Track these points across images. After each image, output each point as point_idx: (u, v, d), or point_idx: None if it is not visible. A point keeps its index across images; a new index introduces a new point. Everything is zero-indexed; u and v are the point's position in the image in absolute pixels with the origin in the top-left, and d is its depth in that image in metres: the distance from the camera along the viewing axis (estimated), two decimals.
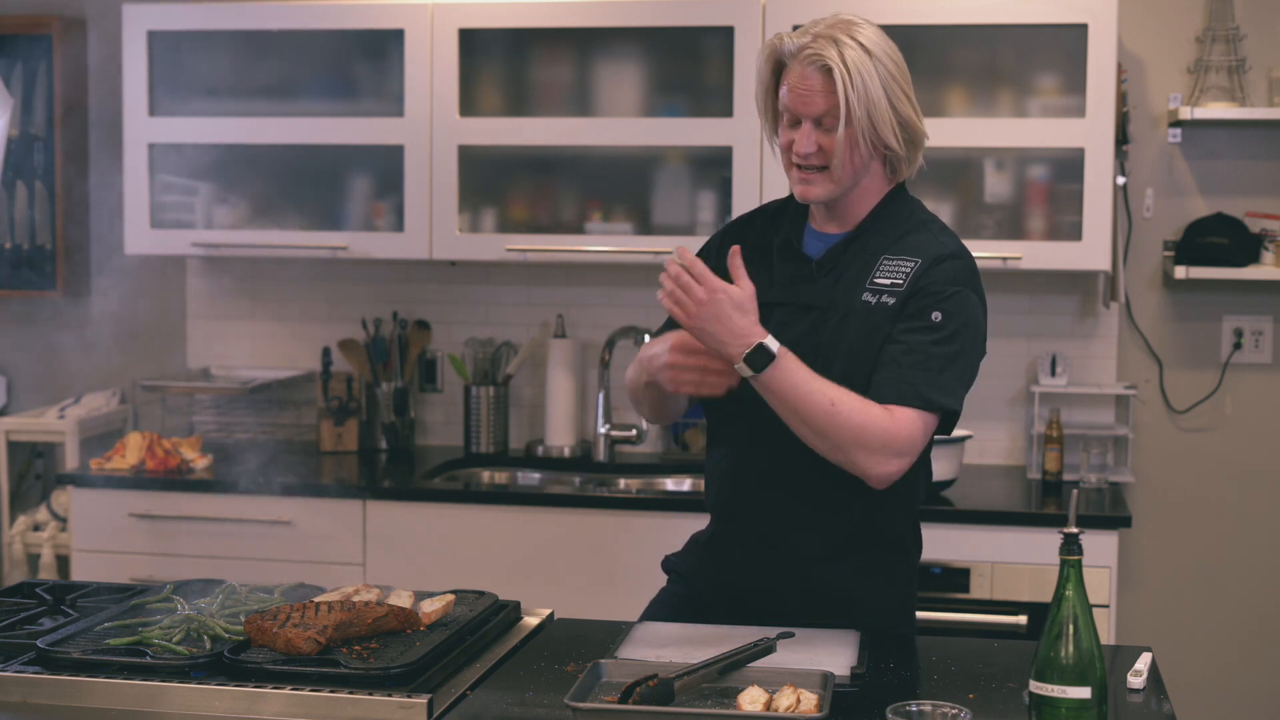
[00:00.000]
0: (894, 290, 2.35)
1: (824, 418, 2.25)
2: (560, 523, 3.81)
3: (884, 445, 2.27)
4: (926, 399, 2.29)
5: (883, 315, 2.34)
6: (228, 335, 4.54)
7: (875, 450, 2.27)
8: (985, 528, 3.66)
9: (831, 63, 2.30)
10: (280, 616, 2.17)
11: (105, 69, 4.51)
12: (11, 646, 2.23)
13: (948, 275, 2.35)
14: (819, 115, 2.33)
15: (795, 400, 2.26)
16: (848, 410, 2.26)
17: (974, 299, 2.37)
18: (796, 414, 2.27)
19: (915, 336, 2.32)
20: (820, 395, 2.26)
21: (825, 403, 2.26)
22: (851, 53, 2.30)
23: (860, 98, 2.30)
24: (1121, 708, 2.09)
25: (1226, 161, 4.13)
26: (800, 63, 2.34)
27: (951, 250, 2.39)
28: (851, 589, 2.43)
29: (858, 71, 2.30)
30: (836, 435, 2.26)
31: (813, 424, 2.26)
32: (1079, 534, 1.91)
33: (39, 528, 4.38)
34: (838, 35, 2.32)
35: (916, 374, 2.29)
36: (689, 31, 4.00)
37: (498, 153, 4.11)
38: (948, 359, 2.32)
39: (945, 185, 3.92)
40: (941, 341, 2.32)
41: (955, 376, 2.32)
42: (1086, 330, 4.18)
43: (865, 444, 2.26)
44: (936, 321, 2.32)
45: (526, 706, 2.08)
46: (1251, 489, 4.18)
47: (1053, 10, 3.78)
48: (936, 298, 2.33)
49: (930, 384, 2.30)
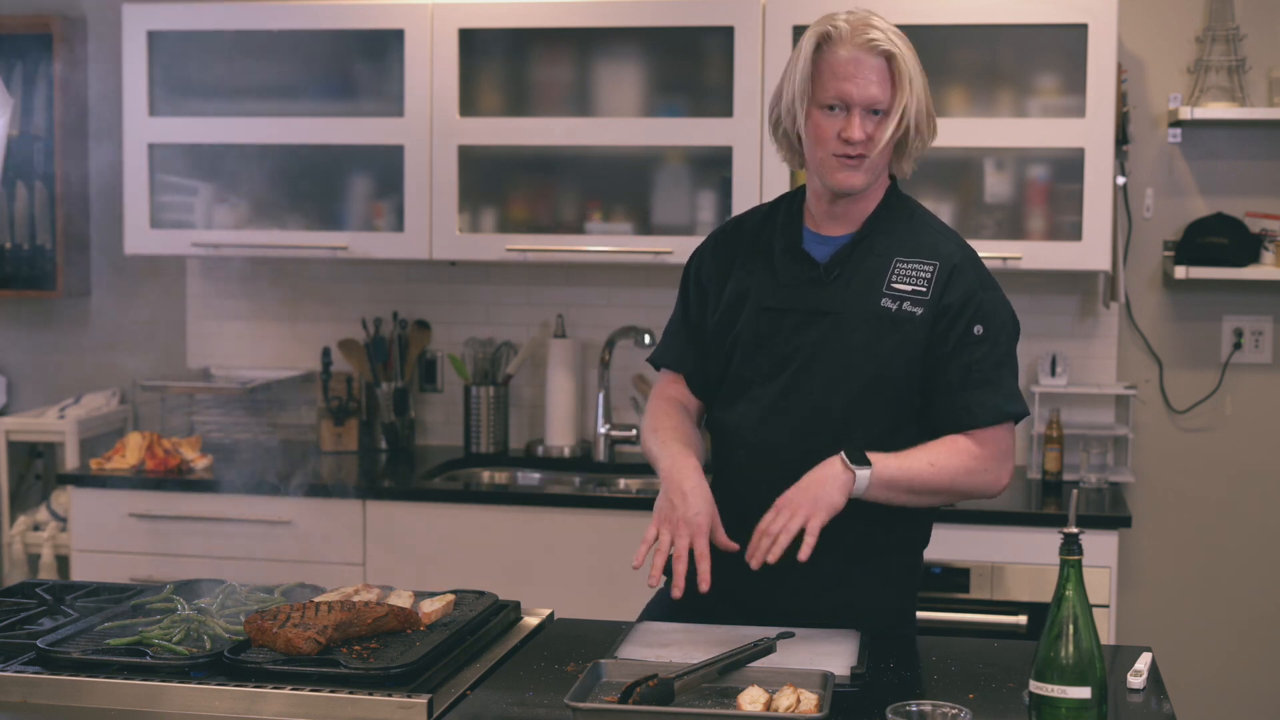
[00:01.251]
0: (917, 298, 2.37)
1: (934, 480, 2.36)
2: (560, 523, 3.81)
3: (987, 469, 2.39)
4: (1003, 413, 2.40)
5: (913, 326, 2.37)
6: (228, 335, 4.54)
7: (982, 475, 2.39)
8: (985, 528, 3.66)
9: (895, 51, 2.33)
10: (280, 616, 2.17)
11: (105, 69, 4.51)
12: (11, 646, 2.23)
13: (968, 283, 2.40)
14: (873, 103, 2.34)
15: (907, 481, 2.35)
16: (944, 460, 2.36)
17: (996, 294, 2.43)
18: (912, 492, 2.36)
19: (968, 356, 2.38)
20: (919, 464, 2.35)
21: (926, 467, 2.35)
22: (902, 43, 2.35)
23: (914, 90, 2.35)
24: (1121, 708, 2.09)
25: (1226, 161, 4.13)
26: (858, 48, 2.34)
27: (960, 254, 2.42)
28: (860, 594, 2.43)
29: (915, 63, 2.36)
30: (950, 487, 2.38)
31: (929, 490, 2.37)
32: (1079, 534, 1.91)
33: (39, 528, 4.38)
34: (879, 25, 2.35)
35: (987, 392, 2.38)
36: (689, 31, 4.00)
37: (498, 153, 4.11)
38: (1001, 365, 2.41)
39: (945, 185, 3.92)
40: (991, 353, 2.39)
41: (1012, 375, 2.43)
42: (1086, 330, 4.18)
43: (974, 475, 2.39)
44: (979, 335, 2.39)
45: (526, 706, 2.08)
46: (1251, 489, 4.17)
47: (1053, 10, 3.78)
48: (968, 313, 2.38)
49: (1002, 396, 2.39)
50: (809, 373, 2.38)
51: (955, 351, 2.38)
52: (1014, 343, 2.45)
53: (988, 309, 2.40)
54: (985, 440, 2.38)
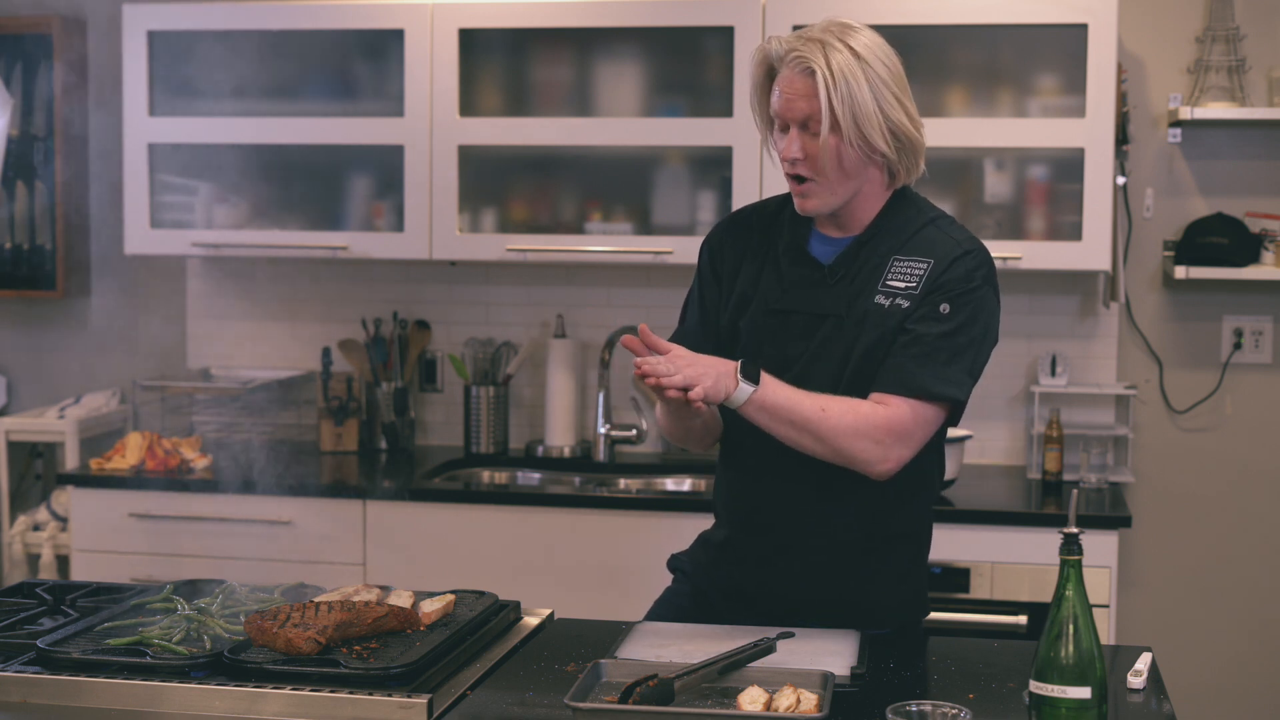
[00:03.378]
0: (908, 293, 2.34)
1: (817, 423, 2.27)
2: (560, 523, 3.81)
3: (879, 438, 2.28)
4: (924, 389, 2.29)
5: (896, 318, 2.33)
6: (228, 335, 4.54)
7: (872, 442, 2.28)
8: (985, 527, 3.66)
9: (815, 66, 2.28)
10: (280, 616, 2.17)
11: (105, 69, 4.51)
12: (11, 646, 2.23)
13: (960, 272, 2.34)
14: (803, 119, 2.32)
15: (789, 411, 2.27)
16: (838, 411, 2.27)
17: (986, 290, 2.36)
18: (792, 425, 2.27)
19: (921, 327, 2.31)
20: (809, 402, 2.28)
21: (815, 409, 2.27)
22: (839, 57, 2.28)
23: (844, 102, 2.28)
24: (1121, 708, 2.09)
25: (1226, 161, 4.13)
26: (787, 67, 2.32)
27: (965, 247, 2.38)
28: (866, 591, 2.43)
29: (842, 76, 2.28)
30: (832, 438, 2.27)
31: (810, 430, 2.27)
32: (1079, 534, 1.91)
33: (39, 528, 4.38)
34: (828, 39, 2.30)
35: (919, 364, 2.29)
36: (689, 31, 4.00)
37: (498, 153, 4.11)
38: (955, 350, 2.31)
39: (945, 185, 3.92)
40: (949, 334, 2.31)
41: (962, 368, 2.32)
42: (1086, 330, 4.18)
43: (860, 438, 2.27)
44: (944, 313, 2.31)
45: (526, 706, 2.08)
46: (1251, 489, 4.18)
47: (1053, 10, 3.78)
48: (946, 292, 2.33)
49: (933, 375, 2.29)
50: (811, 373, 2.38)
51: (914, 322, 2.32)
52: (983, 345, 2.36)
53: (965, 297, 2.33)
54: (891, 411, 2.28)
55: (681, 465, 4.21)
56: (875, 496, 2.38)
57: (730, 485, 2.51)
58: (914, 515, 2.46)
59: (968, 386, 2.34)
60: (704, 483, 4.14)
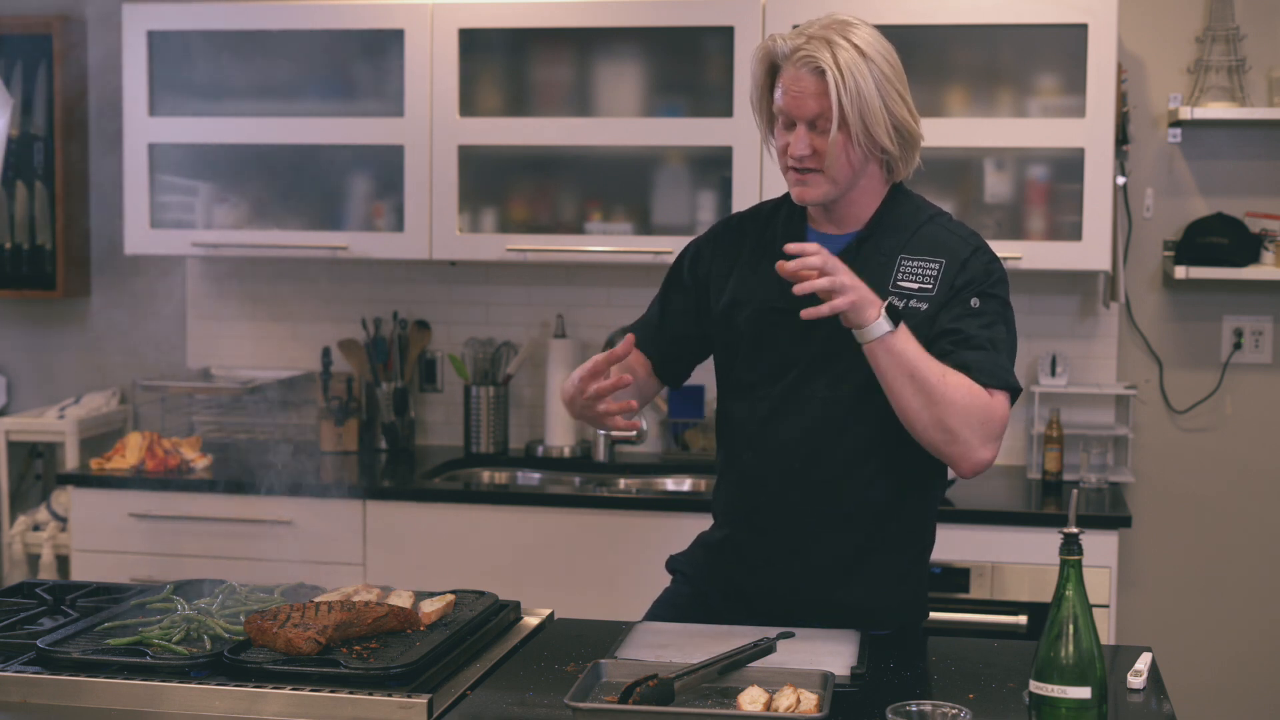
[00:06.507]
0: (924, 295, 2.35)
1: (936, 386, 2.22)
2: (560, 523, 3.81)
3: (986, 427, 2.25)
4: (1004, 378, 2.29)
5: (917, 321, 2.32)
6: (228, 335, 4.54)
7: (977, 429, 2.25)
8: (985, 528, 3.66)
9: (824, 64, 2.28)
10: (280, 616, 2.17)
11: (105, 69, 4.51)
12: (11, 646, 2.23)
13: (979, 267, 2.37)
14: (812, 117, 2.32)
15: (913, 365, 2.22)
16: (955, 384, 2.24)
17: (1005, 283, 2.40)
18: (911, 379, 2.22)
19: (964, 325, 2.31)
20: (935, 366, 2.24)
21: (938, 372, 2.24)
22: (845, 54, 2.29)
23: (853, 100, 2.29)
24: (1121, 708, 2.09)
25: (1226, 161, 4.13)
26: (794, 65, 2.33)
27: (973, 243, 2.41)
28: (866, 592, 2.43)
29: (850, 73, 2.29)
30: (943, 406, 2.22)
31: (925, 392, 2.22)
32: (1079, 534, 1.91)
33: (39, 528, 4.38)
34: (831, 36, 2.31)
35: (987, 355, 2.29)
36: (689, 31, 4.00)
37: (498, 153, 4.11)
38: (997, 342, 2.32)
39: (945, 185, 3.92)
40: (987, 326, 2.32)
41: (1009, 356, 2.34)
42: (1086, 330, 4.18)
43: (969, 420, 2.24)
44: (976, 308, 2.33)
45: (526, 706, 2.08)
46: (1251, 489, 4.18)
47: (1053, 10, 3.78)
48: (974, 288, 2.35)
49: (1000, 364, 2.30)
50: (814, 373, 2.38)
51: (955, 319, 2.32)
52: (1013, 337, 2.38)
53: (994, 292, 2.36)
54: (996, 402, 2.27)
55: (681, 465, 4.22)
56: (875, 497, 2.39)
57: (731, 487, 2.51)
58: (914, 516, 2.46)
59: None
60: (704, 483, 4.14)
